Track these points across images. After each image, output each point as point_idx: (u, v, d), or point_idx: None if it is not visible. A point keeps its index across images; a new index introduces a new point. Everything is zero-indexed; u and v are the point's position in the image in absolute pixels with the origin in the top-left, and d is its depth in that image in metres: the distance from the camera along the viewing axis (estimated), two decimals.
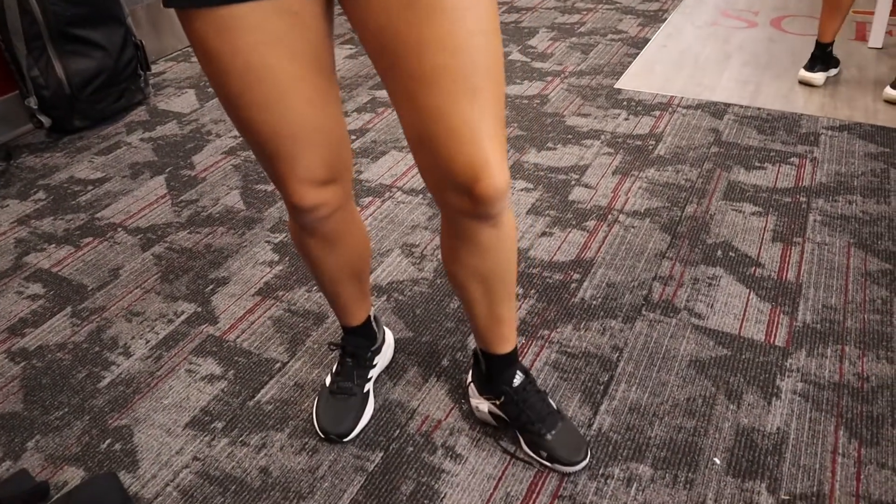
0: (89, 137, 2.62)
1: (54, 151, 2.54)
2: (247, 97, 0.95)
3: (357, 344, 1.41)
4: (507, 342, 1.27)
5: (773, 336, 1.57)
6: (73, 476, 1.37)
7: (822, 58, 2.59)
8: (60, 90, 2.53)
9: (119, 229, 2.08)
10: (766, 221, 1.93)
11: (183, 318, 1.73)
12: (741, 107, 2.52)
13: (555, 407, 1.34)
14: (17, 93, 2.64)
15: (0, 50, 2.54)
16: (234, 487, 1.32)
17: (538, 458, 1.32)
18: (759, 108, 2.50)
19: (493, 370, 1.31)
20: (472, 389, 1.39)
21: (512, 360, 1.31)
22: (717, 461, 1.32)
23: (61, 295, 1.84)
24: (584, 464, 1.30)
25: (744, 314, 1.63)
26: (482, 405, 1.37)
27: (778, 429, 1.37)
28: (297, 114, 0.97)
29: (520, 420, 1.31)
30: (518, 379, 1.31)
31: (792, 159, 2.20)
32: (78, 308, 1.79)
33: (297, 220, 1.14)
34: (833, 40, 2.54)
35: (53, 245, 2.04)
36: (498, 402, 1.33)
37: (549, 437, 1.29)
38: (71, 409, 1.51)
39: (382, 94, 2.80)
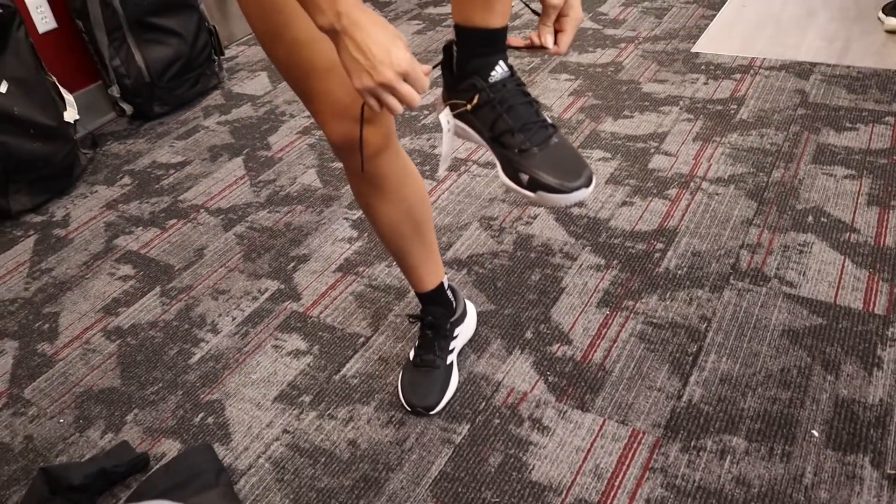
0: (169, 123, 2.69)
1: (136, 138, 2.62)
2: (283, 35, 1.01)
3: (435, 314, 1.41)
4: (495, 14, 0.94)
5: (872, 304, 1.50)
6: (169, 448, 1.42)
7: None
8: (141, 78, 2.60)
9: (201, 210, 2.14)
10: (860, 185, 1.83)
11: (267, 295, 1.77)
12: (828, 66, 2.40)
13: (550, 121, 1.01)
14: (100, 83, 2.73)
15: (84, 42, 2.63)
16: (323, 459, 1.35)
17: (516, 186, 0.98)
18: (848, 67, 2.37)
19: (467, 50, 0.97)
20: (440, 101, 1.07)
21: (497, 38, 0.96)
22: (816, 434, 1.27)
23: (150, 275, 1.90)
24: (581, 192, 0.94)
25: (839, 282, 1.56)
26: (450, 119, 1.02)
27: (881, 400, 1.31)
28: (330, 50, 1.01)
29: (495, 130, 0.98)
30: (499, 72, 0.97)
31: (887, 118, 2.08)
32: (167, 287, 1.85)
33: (345, 162, 1.17)
34: None
35: (141, 228, 2.10)
36: (469, 107, 0.99)
37: (534, 151, 0.97)
38: (165, 385, 1.56)
39: None
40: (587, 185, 0.94)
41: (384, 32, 0.84)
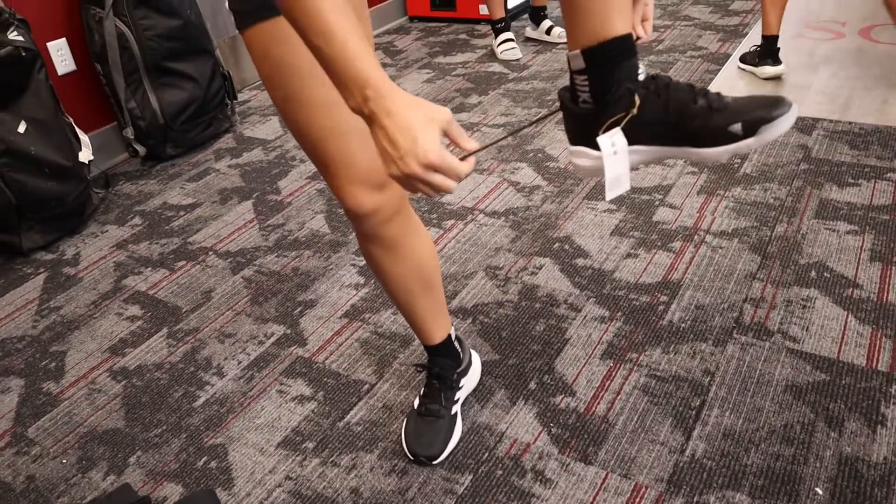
0: (180, 165, 2.74)
1: (148, 179, 2.67)
2: (301, 97, 1.03)
3: (442, 365, 1.42)
4: (626, 20, 0.93)
5: (875, 361, 1.50)
6: (172, 492, 1.42)
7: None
8: (155, 120, 2.65)
9: (210, 253, 2.16)
10: (863, 240, 1.85)
11: (273, 339, 1.78)
12: (831, 121, 2.44)
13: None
14: (115, 124, 2.79)
15: (101, 85, 2.69)
16: None
17: (727, 147, 0.93)
18: (850, 123, 2.41)
19: (606, 66, 0.93)
20: (579, 150, 1.00)
21: (631, 41, 0.93)
22: (820, 491, 1.27)
23: (158, 316, 1.92)
24: (795, 109, 0.92)
25: (842, 337, 1.57)
26: (615, 140, 0.95)
27: (885, 458, 1.30)
28: (349, 114, 0.97)
29: (671, 110, 0.93)
30: (643, 70, 0.94)
31: (888, 175, 2.11)
32: (173, 329, 1.86)
33: (358, 227, 1.18)
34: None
35: (150, 268, 2.13)
36: (635, 110, 0.93)
37: (726, 102, 0.93)
38: (169, 427, 1.57)
39: (461, 117, 2.83)
40: (791, 103, 0.91)
41: (415, 117, 0.79)
